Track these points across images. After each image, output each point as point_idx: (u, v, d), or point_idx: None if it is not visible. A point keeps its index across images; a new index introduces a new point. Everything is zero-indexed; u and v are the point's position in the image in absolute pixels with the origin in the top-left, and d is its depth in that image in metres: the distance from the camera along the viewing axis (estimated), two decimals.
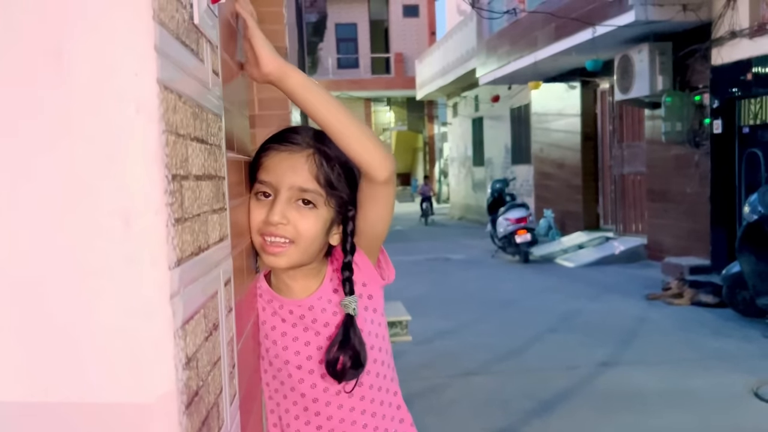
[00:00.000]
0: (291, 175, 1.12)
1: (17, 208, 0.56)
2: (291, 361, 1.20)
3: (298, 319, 1.20)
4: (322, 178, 1.12)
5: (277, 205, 1.11)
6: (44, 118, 0.56)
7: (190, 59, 0.69)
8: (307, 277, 1.21)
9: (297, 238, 1.13)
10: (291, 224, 1.12)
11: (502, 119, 15.54)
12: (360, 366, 1.15)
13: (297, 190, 1.12)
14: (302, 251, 1.14)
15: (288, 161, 1.13)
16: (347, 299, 1.17)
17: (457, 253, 11.55)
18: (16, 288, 0.57)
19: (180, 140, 0.62)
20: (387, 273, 1.26)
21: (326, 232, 1.17)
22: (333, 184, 1.13)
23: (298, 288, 1.21)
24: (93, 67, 0.55)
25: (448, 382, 4.68)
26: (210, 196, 0.76)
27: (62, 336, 0.57)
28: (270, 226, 1.11)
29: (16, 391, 0.57)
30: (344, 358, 1.14)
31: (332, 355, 1.14)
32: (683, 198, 8.73)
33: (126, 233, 0.56)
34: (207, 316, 0.71)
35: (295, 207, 1.13)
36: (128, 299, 0.56)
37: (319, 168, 1.12)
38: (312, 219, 1.13)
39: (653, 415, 3.95)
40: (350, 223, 1.19)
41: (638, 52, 8.60)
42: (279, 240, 1.12)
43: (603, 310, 6.78)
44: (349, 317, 1.16)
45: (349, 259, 1.19)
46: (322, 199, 1.13)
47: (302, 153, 1.13)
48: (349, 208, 1.18)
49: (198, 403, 0.64)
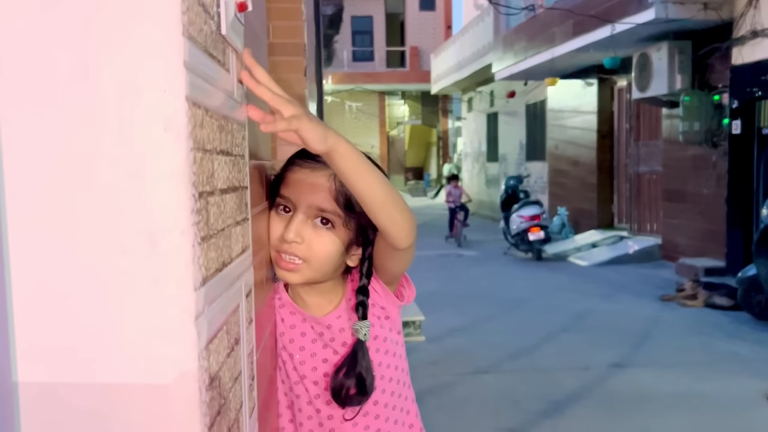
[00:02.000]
0: (310, 194, 1.10)
1: (44, 223, 0.55)
2: (307, 376, 1.20)
3: (317, 336, 1.19)
4: (341, 200, 1.10)
5: (293, 223, 1.09)
6: (71, 135, 0.55)
7: (217, 71, 0.68)
8: (322, 294, 1.20)
9: (309, 258, 1.11)
10: (305, 243, 1.10)
11: (517, 115, 15.45)
12: (365, 393, 1.14)
13: (315, 209, 1.10)
14: (315, 270, 1.12)
15: (309, 179, 1.11)
16: (359, 324, 1.15)
17: (468, 249, 11.52)
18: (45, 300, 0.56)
19: (206, 156, 0.61)
20: (407, 293, 1.24)
21: (343, 253, 1.15)
22: (352, 206, 1.10)
23: (313, 304, 1.20)
24: (120, 85, 0.54)
25: (458, 380, 4.68)
26: (234, 208, 0.75)
27: (85, 354, 0.56)
28: (284, 244, 1.10)
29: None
30: (348, 383, 1.13)
31: (337, 381, 1.13)
32: (699, 198, 8.65)
33: (151, 253, 0.55)
34: (229, 331, 0.70)
35: (311, 226, 1.11)
36: (152, 320, 0.55)
37: (340, 189, 1.10)
38: (327, 239, 1.11)
39: (664, 418, 3.93)
40: (369, 247, 1.17)
41: (657, 51, 8.51)
42: (292, 258, 1.11)
43: (615, 311, 6.74)
44: (360, 342, 1.15)
45: (365, 283, 1.17)
46: (340, 220, 1.11)
47: (324, 172, 1.11)
48: (369, 231, 1.16)
49: (220, 422, 0.63)
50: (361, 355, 1.14)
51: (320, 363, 1.19)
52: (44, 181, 0.55)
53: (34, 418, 0.56)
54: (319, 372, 1.19)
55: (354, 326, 1.15)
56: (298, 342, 1.20)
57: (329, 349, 1.19)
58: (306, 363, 1.19)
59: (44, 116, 0.54)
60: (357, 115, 25.31)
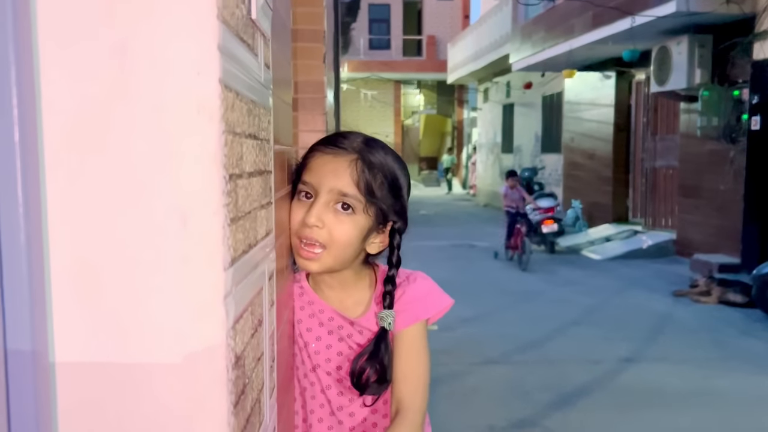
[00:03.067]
0: (332, 178, 1.11)
1: (77, 202, 0.56)
2: (321, 365, 1.21)
3: (336, 328, 1.20)
4: (362, 185, 1.11)
5: (314, 207, 1.10)
6: (106, 115, 0.56)
7: (247, 55, 0.69)
8: (345, 287, 1.21)
9: (330, 243, 1.11)
10: (326, 228, 1.10)
11: (534, 107, 15.37)
12: (385, 382, 1.15)
13: (336, 194, 1.11)
14: (334, 256, 1.13)
15: (331, 164, 1.12)
16: (384, 312, 1.16)
17: (481, 240, 11.51)
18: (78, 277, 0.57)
19: (236, 139, 0.62)
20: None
21: (362, 240, 1.15)
22: (373, 192, 1.11)
23: (335, 298, 1.21)
24: (156, 66, 0.55)
25: (469, 370, 4.69)
26: (259, 191, 0.76)
27: (117, 333, 0.57)
28: (305, 228, 1.10)
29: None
30: (370, 370, 1.13)
31: (358, 365, 1.14)
32: (715, 194, 8.58)
33: (183, 233, 0.56)
34: (253, 312, 0.71)
35: (332, 211, 1.11)
36: (182, 298, 0.56)
37: (361, 174, 1.11)
38: (348, 224, 1.11)
39: (675, 414, 3.92)
40: (396, 236, 1.18)
41: (677, 44, 8.43)
42: (313, 242, 1.11)
43: (628, 305, 6.72)
44: (384, 330, 1.16)
45: (393, 273, 1.17)
46: (361, 205, 1.11)
47: (346, 157, 1.12)
48: (394, 220, 1.17)
49: (244, 401, 0.65)
50: (384, 345, 1.15)
51: (334, 355, 1.20)
52: (80, 160, 0.56)
53: (70, 397, 0.57)
54: (332, 364, 1.20)
55: (379, 315, 1.16)
56: (315, 332, 1.21)
57: (344, 343, 1.20)
58: (321, 353, 1.20)
59: (80, 94, 0.55)
60: (372, 104, 25.27)
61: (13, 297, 0.54)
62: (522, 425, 3.79)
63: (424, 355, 1.21)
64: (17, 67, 0.51)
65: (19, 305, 0.54)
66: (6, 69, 0.51)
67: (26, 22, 0.52)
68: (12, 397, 0.54)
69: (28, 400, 0.55)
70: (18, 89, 0.51)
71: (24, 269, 0.54)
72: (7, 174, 0.52)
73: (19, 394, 0.55)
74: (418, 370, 1.19)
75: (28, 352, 0.54)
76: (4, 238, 0.53)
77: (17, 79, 0.51)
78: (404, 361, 1.18)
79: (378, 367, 1.14)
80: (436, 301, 1.23)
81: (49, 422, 0.57)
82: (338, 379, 1.20)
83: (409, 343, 1.19)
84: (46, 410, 0.56)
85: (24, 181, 0.53)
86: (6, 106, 0.51)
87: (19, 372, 0.55)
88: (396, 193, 1.16)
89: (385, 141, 1.22)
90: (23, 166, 0.53)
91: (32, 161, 0.54)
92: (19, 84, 0.51)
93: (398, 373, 1.18)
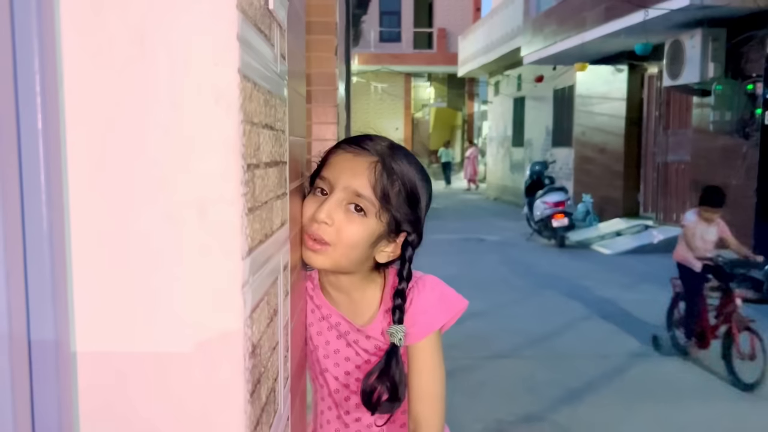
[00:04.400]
0: (349, 177, 1.08)
1: (98, 192, 0.57)
2: (330, 370, 1.20)
3: (343, 333, 1.19)
4: (379, 189, 1.08)
5: (326, 203, 1.08)
6: (124, 104, 0.56)
7: (264, 46, 0.69)
8: (352, 292, 1.18)
9: (336, 243, 1.08)
10: (335, 227, 1.08)
11: (545, 100, 15.30)
12: (397, 400, 1.13)
13: (351, 193, 1.08)
14: (340, 255, 1.10)
15: (351, 162, 1.10)
16: (394, 328, 1.12)
17: (491, 234, 11.49)
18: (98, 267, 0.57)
19: (254, 129, 0.62)
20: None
21: (371, 245, 1.11)
22: (389, 198, 1.08)
23: (342, 302, 1.19)
24: (174, 56, 0.55)
25: (478, 364, 4.69)
26: (275, 182, 0.76)
27: (136, 322, 0.58)
28: (314, 224, 1.08)
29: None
30: (381, 389, 1.11)
31: (369, 384, 1.12)
32: (728, 190, 8.49)
33: (201, 223, 0.56)
34: (269, 302, 0.71)
35: (344, 210, 1.09)
36: (200, 288, 0.57)
37: (379, 178, 1.08)
38: (357, 226, 1.09)
39: (686, 408, 3.92)
40: (409, 248, 1.14)
41: (690, 38, 8.36)
42: (319, 239, 1.09)
43: (638, 300, 6.70)
44: (394, 347, 1.13)
45: (403, 287, 1.14)
46: (374, 209, 1.08)
47: (367, 159, 1.09)
48: (408, 231, 1.13)
49: (260, 390, 0.65)
50: (395, 361, 1.12)
51: (342, 360, 1.19)
52: (100, 150, 0.56)
53: (91, 386, 0.58)
54: (340, 368, 1.20)
55: (389, 330, 1.13)
56: (324, 335, 1.20)
57: (351, 348, 1.19)
58: (329, 357, 1.20)
59: (99, 84, 0.55)
60: (382, 97, 25.22)
61: (35, 288, 0.54)
62: (530, 419, 3.80)
63: (439, 369, 1.18)
64: (40, 57, 0.52)
65: (42, 296, 0.55)
66: (30, 58, 0.51)
67: (49, 12, 0.53)
68: (35, 387, 0.55)
69: (50, 389, 0.55)
70: (41, 78, 0.52)
71: (47, 260, 0.54)
72: (31, 164, 0.53)
73: (41, 384, 0.55)
74: (434, 386, 1.16)
75: (51, 342, 0.55)
76: (28, 228, 0.53)
77: (40, 68, 0.52)
78: (419, 377, 1.15)
79: (389, 384, 1.11)
80: (447, 308, 1.20)
81: (70, 411, 0.57)
82: (345, 384, 1.20)
83: (422, 358, 1.16)
84: (68, 399, 0.57)
85: (47, 172, 0.53)
86: (30, 95, 0.51)
87: (41, 362, 0.55)
88: (413, 204, 1.12)
89: (395, 134, 1.20)
90: (46, 155, 0.53)
91: (55, 151, 0.54)
92: (42, 73, 0.52)
93: (413, 389, 1.15)
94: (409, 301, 1.15)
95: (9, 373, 0.52)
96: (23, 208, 0.53)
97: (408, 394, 1.17)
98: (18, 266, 0.53)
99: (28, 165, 0.53)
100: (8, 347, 0.52)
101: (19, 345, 0.53)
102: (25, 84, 0.52)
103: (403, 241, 1.14)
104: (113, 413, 0.58)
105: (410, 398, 1.16)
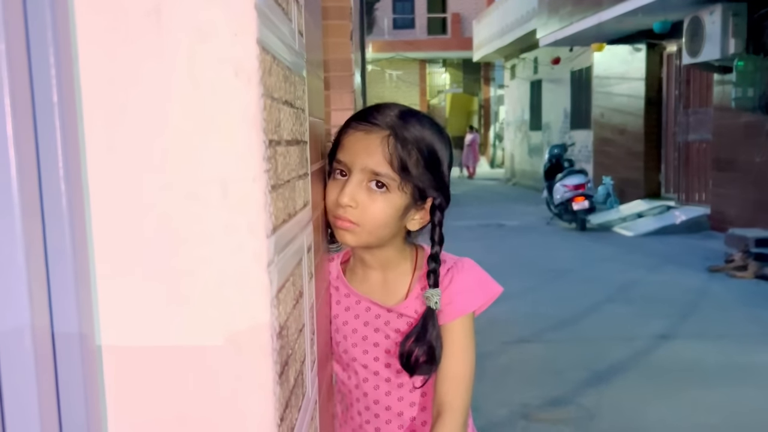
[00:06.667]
0: (364, 157, 1.07)
1: (114, 175, 0.55)
2: (358, 359, 1.19)
3: (372, 318, 1.18)
4: (396, 163, 1.06)
5: (347, 186, 1.07)
6: (141, 79, 0.54)
7: (282, 19, 0.67)
8: (387, 268, 1.18)
9: (363, 222, 1.08)
10: (360, 208, 1.07)
11: (562, 82, 15.14)
12: (434, 362, 1.12)
13: (369, 173, 1.07)
14: (369, 233, 1.10)
15: (363, 142, 1.07)
16: (430, 291, 1.12)
17: (511, 219, 11.42)
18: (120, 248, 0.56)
19: (274, 104, 0.61)
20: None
21: (399, 218, 1.11)
22: (408, 169, 1.06)
23: (375, 281, 1.18)
24: (191, 27, 0.53)
25: (501, 349, 4.67)
26: (296, 161, 0.74)
27: (159, 305, 0.56)
28: (339, 208, 1.08)
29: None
30: (418, 351, 1.10)
31: (406, 347, 1.11)
32: (751, 167, 8.38)
33: (224, 201, 0.54)
34: (295, 283, 0.70)
35: (366, 189, 1.08)
36: (225, 268, 0.55)
37: (394, 151, 1.06)
38: (381, 204, 1.08)
39: (713, 390, 3.86)
40: (437, 212, 1.13)
41: (710, 14, 8.21)
42: (347, 221, 1.09)
43: (662, 281, 6.63)
44: (430, 310, 1.12)
45: (437, 251, 1.14)
46: (395, 183, 1.07)
47: (378, 134, 1.07)
48: (434, 196, 1.12)
49: (288, 372, 0.64)
50: (432, 324, 1.11)
51: (371, 346, 1.18)
52: (117, 129, 0.55)
53: (116, 376, 0.57)
54: (369, 355, 1.18)
55: (425, 294, 1.13)
56: (351, 324, 1.19)
57: (381, 333, 1.18)
58: (358, 345, 1.19)
59: (115, 59, 0.54)
60: (397, 84, 25.13)
61: (57, 277, 0.53)
62: (556, 403, 3.77)
63: (469, 352, 1.17)
64: (54, 32, 0.50)
65: (65, 287, 0.53)
66: (43, 33, 0.50)
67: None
68: (61, 381, 0.54)
69: (76, 383, 0.54)
70: (55, 54, 0.50)
71: (68, 247, 0.53)
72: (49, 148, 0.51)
73: (67, 378, 0.54)
74: (462, 368, 1.15)
75: (75, 334, 0.54)
76: (47, 215, 0.52)
77: (54, 43, 0.50)
78: (448, 358, 1.14)
79: (426, 347, 1.10)
80: (484, 291, 1.19)
81: (97, 405, 0.56)
82: (374, 371, 1.19)
83: (454, 339, 1.15)
84: (95, 393, 0.56)
85: (65, 156, 0.52)
86: (45, 73, 0.50)
87: (66, 355, 0.54)
88: (434, 169, 1.10)
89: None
90: (63, 139, 0.52)
91: (72, 134, 0.53)
92: (56, 49, 0.50)
93: (441, 369, 1.14)
94: (449, 280, 1.15)
95: (33, 367, 0.51)
96: (41, 193, 0.52)
97: (435, 375, 1.16)
98: (38, 255, 0.52)
99: (45, 149, 0.52)
100: (32, 340, 0.51)
101: (42, 338, 0.52)
102: (40, 61, 0.50)
103: (431, 206, 1.13)
104: (141, 402, 0.57)
105: (437, 378, 1.15)
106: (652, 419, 3.52)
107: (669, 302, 5.82)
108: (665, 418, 3.54)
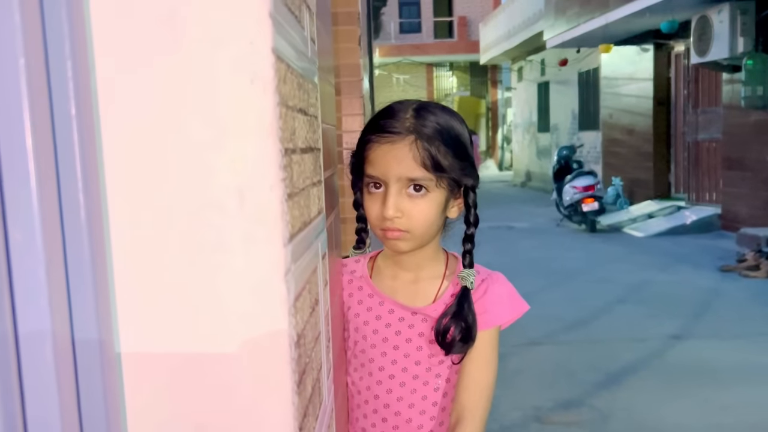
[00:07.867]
0: (396, 167, 1.08)
1: (132, 182, 0.55)
2: (375, 360, 1.19)
3: (396, 321, 1.18)
4: (429, 163, 1.08)
5: (389, 199, 1.09)
6: (157, 86, 0.54)
7: (295, 26, 0.67)
8: (421, 267, 1.19)
9: (412, 228, 1.11)
10: (405, 216, 1.10)
11: (570, 84, 15.12)
12: (470, 340, 1.13)
13: (406, 180, 1.09)
14: (420, 236, 1.13)
15: (391, 153, 1.09)
16: (465, 272, 1.15)
17: (520, 221, 11.40)
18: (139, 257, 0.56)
19: (289, 112, 0.60)
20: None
21: (443, 212, 1.14)
22: (441, 165, 1.08)
23: (406, 281, 1.20)
24: (207, 35, 0.53)
25: (513, 351, 4.65)
26: (311, 168, 0.74)
27: (178, 315, 0.56)
28: (386, 221, 1.10)
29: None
30: (455, 329, 1.12)
31: (443, 324, 1.12)
32: (762, 166, 8.33)
33: (241, 210, 0.54)
34: (311, 291, 0.70)
35: (406, 196, 1.10)
36: (242, 277, 0.55)
37: (424, 153, 1.07)
38: (424, 206, 1.10)
39: (726, 391, 3.84)
40: (471, 194, 1.16)
41: (718, 12, 8.17)
42: (396, 231, 1.11)
43: (673, 282, 6.59)
44: (465, 290, 1.14)
45: (472, 232, 1.17)
46: (432, 182, 1.09)
47: (404, 141, 1.08)
48: (466, 180, 1.14)
49: (305, 381, 0.63)
50: (467, 304, 1.13)
51: (390, 349, 1.18)
52: (134, 138, 0.55)
53: (135, 383, 0.57)
54: (387, 358, 1.18)
55: (459, 275, 1.15)
56: (372, 325, 1.19)
57: (402, 336, 1.18)
58: (377, 347, 1.19)
59: (130, 66, 0.54)
60: (405, 88, 25.14)
61: (76, 283, 0.53)
62: (569, 405, 3.75)
63: (493, 363, 1.19)
64: (71, 41, 0.50)
65: (84, 293, 0.53)
66: (60, 43, 0.50)
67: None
68: (81, 388, 0.54)
69: (96, 390, 0.54)
70: (73, 65, 0.50)
71: (86, 253, 0.53)
72: (67, 156, 0.51)
73: (87, 385, 0.54)
74: (485, 379, 1.17)
75: (94, 341, 0.54)
76: (66, 221, 0.52)
77: (71, 53, 0.50)
78: (472, 365, 1.16)
79: (463, 325, 1.12)
80: (513, 306, 1.22)
81: (117, 412, 0.56)
82: (390, 375, 1.18)
83: (480, 348, 1.16)
84: (114, 400, 0.56)
85: (83, 164, 0.52)
86: (62, 82, 0.50)
87: (86, 363, 0.54)
88: (462, 154, 1.12)
89: None
90: (81, 147, 0.52)
91: (90, 142, 0.53)
92: (73, 60, 0.50)
93: (463, 377, 1.16)
94: (483, 290, 1.17)
95: (54, 374, 0.51)
96: (61, 204, 0.52)
97: (457, 382, 1.17)
98: (59, 264, 0.52)
99: (64, 161, 0.52)
100: (53, 347, 0.51)
101: (63, 345, 0.52)
102: (58, 75, 0.50)
103: (464, 189, 1.16)
104: (161, 411, 0.57)
105: (458, 386, 1.16)
106: (665, 420, 3.50)
107: (681, 303, 5.79)
108: (679, 419, 3.51)
